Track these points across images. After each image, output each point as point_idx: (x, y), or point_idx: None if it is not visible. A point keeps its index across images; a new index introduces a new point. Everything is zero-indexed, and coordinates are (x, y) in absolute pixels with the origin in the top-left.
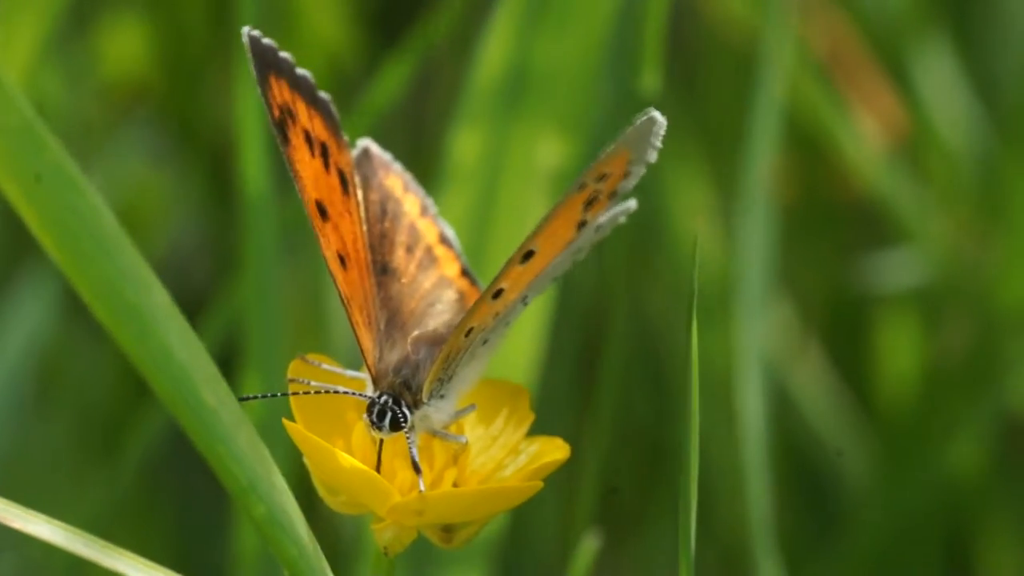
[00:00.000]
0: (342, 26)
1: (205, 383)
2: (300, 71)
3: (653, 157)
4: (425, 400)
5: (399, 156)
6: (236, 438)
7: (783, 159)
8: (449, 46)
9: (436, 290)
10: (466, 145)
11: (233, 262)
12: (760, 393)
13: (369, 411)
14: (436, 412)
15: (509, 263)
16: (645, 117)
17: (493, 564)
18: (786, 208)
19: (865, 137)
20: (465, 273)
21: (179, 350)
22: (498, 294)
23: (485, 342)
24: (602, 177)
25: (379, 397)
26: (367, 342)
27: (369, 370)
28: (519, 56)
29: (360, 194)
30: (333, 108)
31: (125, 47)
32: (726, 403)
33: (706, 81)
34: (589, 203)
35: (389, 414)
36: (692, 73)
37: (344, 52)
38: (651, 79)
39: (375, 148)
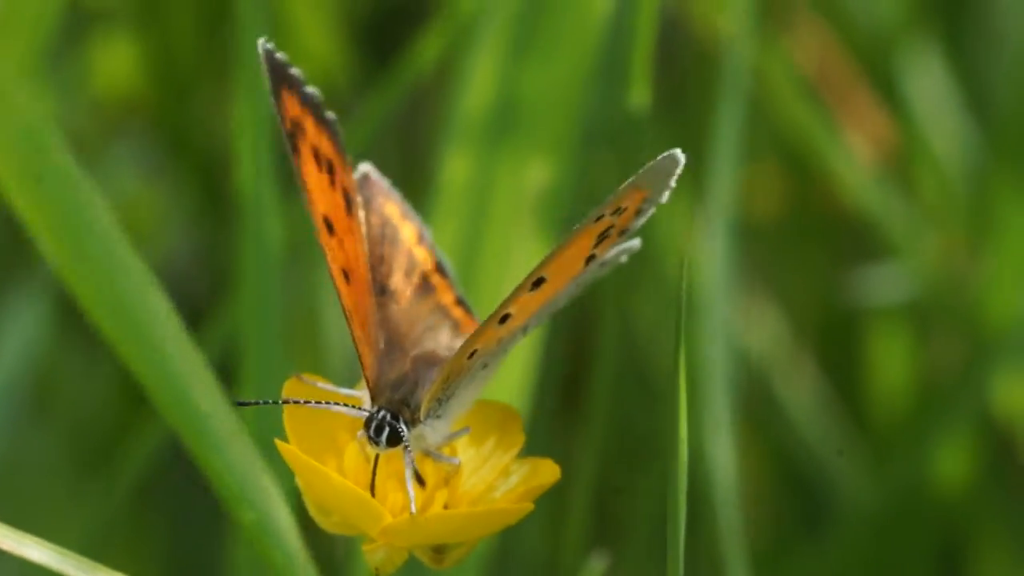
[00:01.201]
0: (334, 42)
1: (201, 391)
2: (309, 89)
3: (667, 197)
4: (422, 419)
5: (390, 175)
6: (229, 445)
7: (772, 174)
8: (440, 63)
9: (432, 316)
10: (455, 170)
11: (228, 276)
12: (727, 401)
13: (367, 425)
14: (432, 432)
15: (519, 289)
16: (667, 155)
17: None
18: (776, 223)
19: (854, 153)
20: (460, 302)
21: (176, 357)
22: (505, 319)
23: (485, 366)
24: (618, 211)
25: (377, 412)
26: (368, 358)
27: (368, 384)
28: (507, 79)
29: (362, 215)
30: (339, 128)
31: (117, 62)
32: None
33: (695, 100)
34: (601, 237)
35: (387, 429)
36: (681, 92)
37: (336, 68)
38: (640, 100)
39: (375, 174)
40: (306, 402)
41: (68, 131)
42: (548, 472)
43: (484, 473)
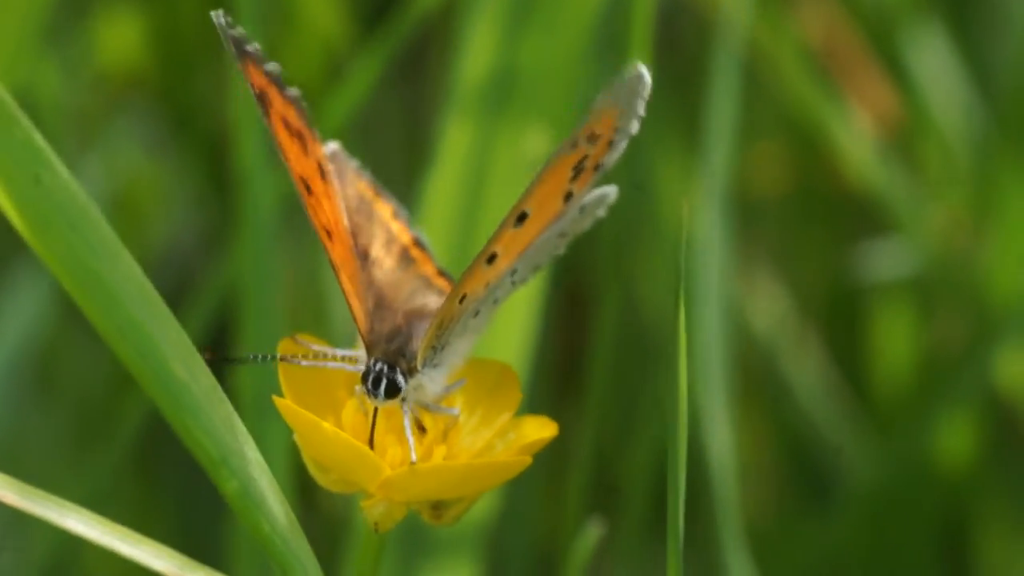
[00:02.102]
0: (338, 17)
1: (175, 356)
2: (270, 65)
3: (636, 127)
4: (419, 368)
5: (390, 143)
6: (208, 411)
7: (777, 151)
8: (441, 32)
9: (416, 282)
10: (454, 138)
11: (230, 247)
12: (723, 372)
13: (364, 378)
14: (430, 382)
15: (502, 225)
16: (634, 73)
17: (483, 548)
18: (781, 200)
19: (859, 128)
20: (442, 274)
21: (148, 322)
22: (492, 259)
23: (476, 314)
24: (591, 138)
25: (374, 364)
26: (360, 311)
27: (362, 337)
28: (506, 48)
29: (337, 185)
30: (303, 103)
31: (121, 36)
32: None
33: (699, 77)
34: (577, 171)
35: (385, 381)
36: (684, 69)
37: (340, 43)
38: None
39: (343, 153)
40: (303, 357)
41: (72, 105)
42: (545, 428)
43: (482, 431)
